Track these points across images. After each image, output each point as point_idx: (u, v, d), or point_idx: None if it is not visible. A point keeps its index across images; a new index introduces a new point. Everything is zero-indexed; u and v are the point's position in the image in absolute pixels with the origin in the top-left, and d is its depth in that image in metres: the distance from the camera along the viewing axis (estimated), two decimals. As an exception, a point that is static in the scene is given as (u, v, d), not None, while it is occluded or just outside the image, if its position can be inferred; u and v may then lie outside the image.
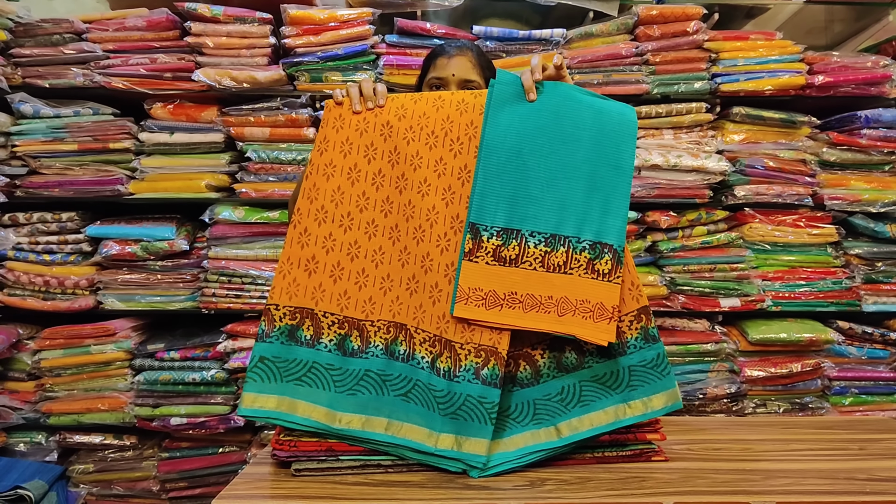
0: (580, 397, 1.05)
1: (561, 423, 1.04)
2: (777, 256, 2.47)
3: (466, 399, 1.00)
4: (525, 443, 1.03)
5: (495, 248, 1.04)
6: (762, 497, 0.89)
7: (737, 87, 2.42)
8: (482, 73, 1.46)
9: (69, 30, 2.33)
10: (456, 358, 1.02)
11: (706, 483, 0.94)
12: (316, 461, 0.98)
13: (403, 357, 1.04)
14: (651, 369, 1.04)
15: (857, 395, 2.44)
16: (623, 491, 0.92)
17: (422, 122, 1.12)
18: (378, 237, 1.08)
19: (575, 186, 1.06)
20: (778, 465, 1.03)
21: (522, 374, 1.08)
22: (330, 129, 1.12)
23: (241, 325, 2.33)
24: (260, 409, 1.01)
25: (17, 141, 2.34)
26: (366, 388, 1.03)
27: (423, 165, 1.09)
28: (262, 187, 2.38)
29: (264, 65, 2.38)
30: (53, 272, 2.34)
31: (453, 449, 0.98)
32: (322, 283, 1.06)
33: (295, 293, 1.06)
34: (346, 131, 1.12)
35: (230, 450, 2.42)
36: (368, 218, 1.08)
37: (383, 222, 1.08)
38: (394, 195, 1.09)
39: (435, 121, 1.12)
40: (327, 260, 1.07)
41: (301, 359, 1.04)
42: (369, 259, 1.07)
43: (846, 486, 0.93)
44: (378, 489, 0.93)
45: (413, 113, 1.13)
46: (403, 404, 1.02)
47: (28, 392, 2.35)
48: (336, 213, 1.08)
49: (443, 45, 1.49)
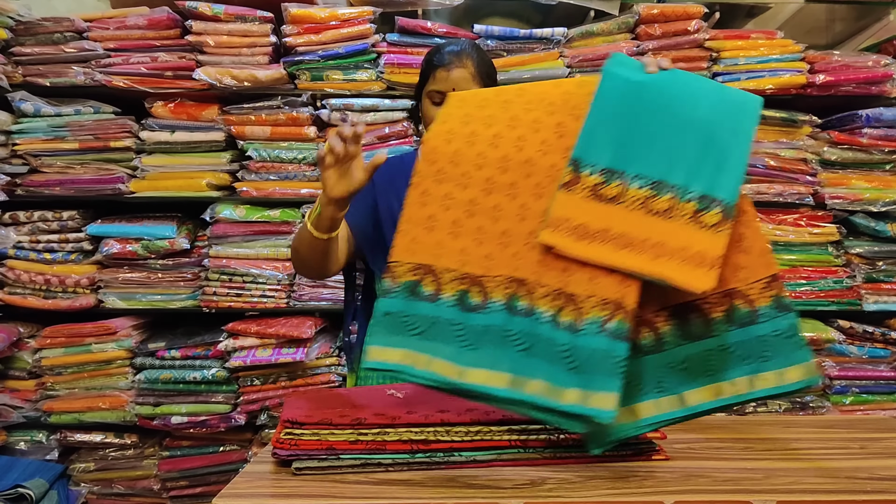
0: (707, 367, 1.00)
1: (686, 391, 1.00)
2: (778, 255, 2.47)
3: (592, 353, 0.95)
4: (648, 412, 1.00)
5: (595, 185, 1.00)
6: (763, 496, 0.89)
7: (738, 85, 2.42)
8: (482, 83, 1.45)
9: (70, 28, 2.33)
10: (579, 311, 0.97)
11: (707, 482, 0.94)
12: (316, 460, 0.98)
13: (524, 312, 1.01)
14: (785, 339, 0.97)
15: (857, 394, 2.44)
16: (624, 490, 0.92)
17: (542, 96, 1.11)
18: (495, 194, 1.06)
19: (689, 140, 1.01)
20: (779, 463, 1.02)
21: (645, 341, 1.02)
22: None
23: (242, 324, 2.32)
24: (386, 361, 1.00)
25: (18, 139, 2.34)
26: (488, 343, 1.01)
27: (542, 129, 1.07)
28: (263, 186, 2.39)
29: (265, 63, 2.38)
30: (54, 271, 2.35)
31: (580, 404, 0.94)
32: (441, 240, 1.05)
33: (415, 250, 1.05)
34: (467, 108, 1.13)
35: (231, 448, 2.42)
36: (486, 175, 1.07)
37: (501, 178, 1.06)
38: (512, 153, 1.07)
39: (555, 94, 1.11)
40: (446, 217, 1.06)
41: (423, 314, 1.03)
42: (487, 216, 1.05)
43: (847, 485, 0.93)
44: (379, 488, 0.93)
45: (533, 90, 1.13)
46: (526, 359, 0.99)
47: (29, 391, 2.35)
48: (454, 172, 1.08)
49: (442, 53, 1.45)
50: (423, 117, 1.51)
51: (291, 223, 2.38)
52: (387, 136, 2.39)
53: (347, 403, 1.09)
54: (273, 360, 2.24)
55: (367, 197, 1.50)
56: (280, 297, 2.38)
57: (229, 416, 2.32)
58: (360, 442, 0.99)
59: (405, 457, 0.99)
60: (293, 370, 2.32)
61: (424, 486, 0.93)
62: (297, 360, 2.23)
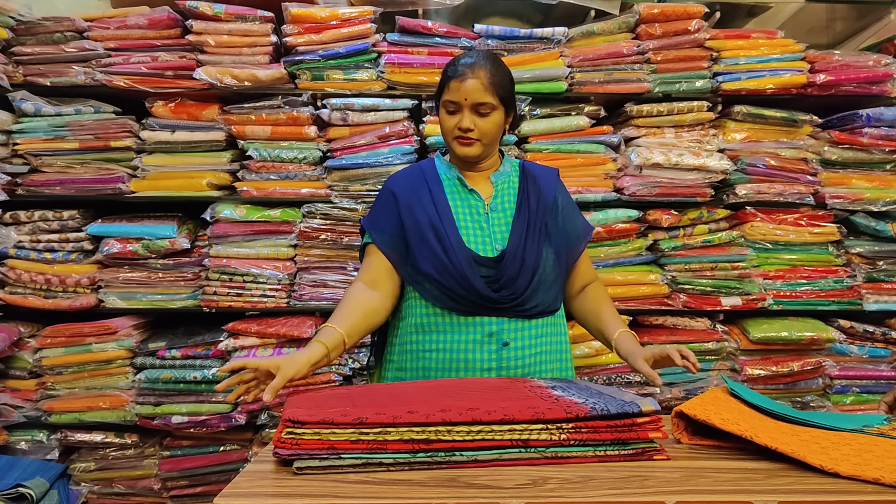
0: None
1: None
2: (778, 255, 2.47)
3: None
4: None
5: None
6: (764, 496, 0.89)
7: (738, 85, 2.42)
8: (496, 93, 1.47)
9: (70, 28, 2.33)
10: None
11: (708, 482, 0.94)
12: (318, 459, 0.98)
13: None
14: None
15: (858, 393, 2.44)
16: (625, 490, 0.92)
17: None
18: None
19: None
20: (780, 463, 1.03)
21: None
22: None
23: (242, 324, 2.33)
24: None
25: (19, 139, 2.34)
26: None
27: None
28: (264, 186, 2.38)
29: (266, 63, 2.37)
30: (55, 270, 2.34)
31: None
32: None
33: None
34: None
35: (231, 448, 2.42)
36: None
37: None
38: None
39: None
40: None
41: None
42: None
43: (848, 485, 0.93)
44: (380, 487, 0.93)
45: None
46: None
47: (29, 390, 2.35)
48: None
49: (456, 65, 1.49)
50: (440, 125, 1.55)
51: (292, 223, 2.38)
52: (387, 135, 2.39)
53: (348, 402, 1.09)
54: (273, 360, 2.24)
55: (392, 217, 1.56)
56: (280, 297, 2.38)
57: (230, 415, 2.32)
58: (361, 441, 0.99)
59: (406, 456, 0.99)
60: (294, 370, 2.32)
61: (426, 486, 0.93)
62: (298, 360, 2.23)
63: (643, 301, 2.42)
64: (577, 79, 2.41)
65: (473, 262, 1.46)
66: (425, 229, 1.50)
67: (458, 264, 1.45)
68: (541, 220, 1.53)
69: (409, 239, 1.52)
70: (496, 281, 1.46)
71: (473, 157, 1.53)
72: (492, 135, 1.51)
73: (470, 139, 1.49)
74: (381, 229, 1.56)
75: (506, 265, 1.46)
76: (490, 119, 1.49)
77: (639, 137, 2.42)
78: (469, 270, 1.45)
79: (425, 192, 1.55)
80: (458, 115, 1.49)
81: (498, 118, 1.51)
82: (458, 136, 1.50)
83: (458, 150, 1.52)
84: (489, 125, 1.49)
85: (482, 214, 1.53)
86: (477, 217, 1.53)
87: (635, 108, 2.41)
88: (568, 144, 2.41)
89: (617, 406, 1.05)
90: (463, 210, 1.53)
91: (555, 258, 1.54)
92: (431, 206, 1.52)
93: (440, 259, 1.46)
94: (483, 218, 1.53)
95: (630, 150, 2.41)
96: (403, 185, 1.59)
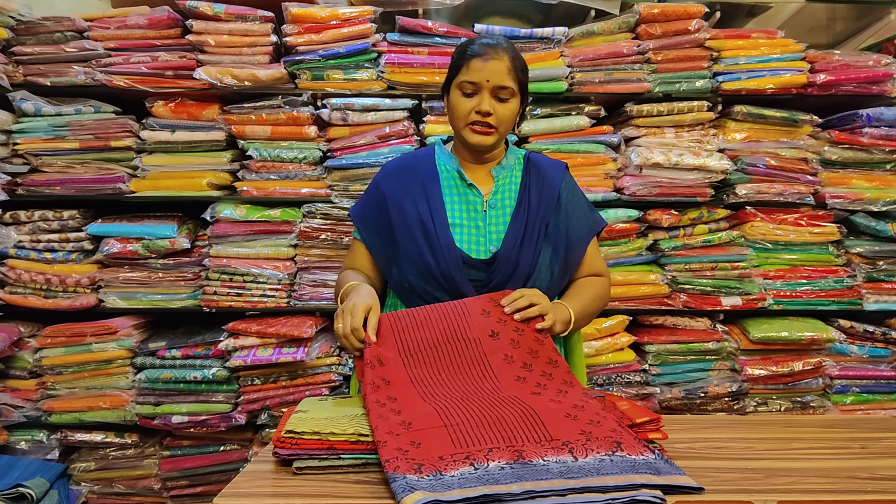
0: None
1: None
2: (778, 255, 2.47)
3: None
4: None
5: None
6: (764, 496, 0.89)
7: (738, 85, 2.42)
8: (517, 78, 1.39)
9: (71, 28, 2.33)
10: None
11: (708, 481, 0.94)
12: (317, 459, 0.98)
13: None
14: None
15: (858, 393, 2.44)
16: (625, 489, 0.92)
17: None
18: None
19: None
20: (780, 463, 1.03)
21: None
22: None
23: (242, 324, 2.32)
24: None
25: (19, 139, 2.34)
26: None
27: None
28: (264, 185, 2.38)
29: (266, 63, 2.37)
30: (55, 270, 2.35)
31: None
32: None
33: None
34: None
35: (231, 448, 2.43)
36: None
37: None
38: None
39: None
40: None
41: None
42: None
43: (848, 485, 0.93)
44: (379, 487, 0.93)
45: None
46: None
47: (29, 390, 2.35)
48: None
49: (476, 46, 1.38)
50: (451, 110, 1.43)
51: (292, 223, 2.38)
52: (387, 135, 2.39)
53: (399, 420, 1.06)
54: (273, 360, 2.24)
55: (379, 214, 1.50)
56: (280, 297, 2.38)
57: (230, 415, 2.32)
58: (360, 442, 0.99)
59: (406, 456, 0.98)
60: (294, 370, 2.32)
61: (425, 486, 0.93)
62: (298, 360, 2.23)
63: (643, 301, 2.42)
64: (578, 79, 2.41)
65: (463, 264, 1.38)
66: (414, 226, 1.41)
67: (444, 266, 1.37)
68: (541, 220, 1.44)
69: (397, 236, 1.44)
70: (486, 285, 1.38)
71: (486, 146, 1.42)
72: (508, 124, 1.42)
73: (488, 126, 1.39)
74: (367, 226, 1.51)
75: (497, 268, 1.38)
76: (509, 106, 1.40)
77: (639, 137, 2.42)
78: (457, 273, 1.37)
79: (418, 186, 1.46)
80: (475, 98, 1.38)
81: (515, 106, 1.42)
82: (474, 122, 1.39)
83: (472, 139, 1.41)
84: (507, 112, 1.40)
85: (479, 212, 1.44)
86: (473, 214, 1.44)
87: (635, 108, 2.41)
88: (568, 144, 2.41)
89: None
90: (458, 206, 1.44)
91: (554, 260, 1.45)
92: (423, 201, 1.43)
93: (426, 261, 1.38)
94: (480, 215, 1.44)
95: (630, 149, 2.41)
96: (393, 181, 1.50)
